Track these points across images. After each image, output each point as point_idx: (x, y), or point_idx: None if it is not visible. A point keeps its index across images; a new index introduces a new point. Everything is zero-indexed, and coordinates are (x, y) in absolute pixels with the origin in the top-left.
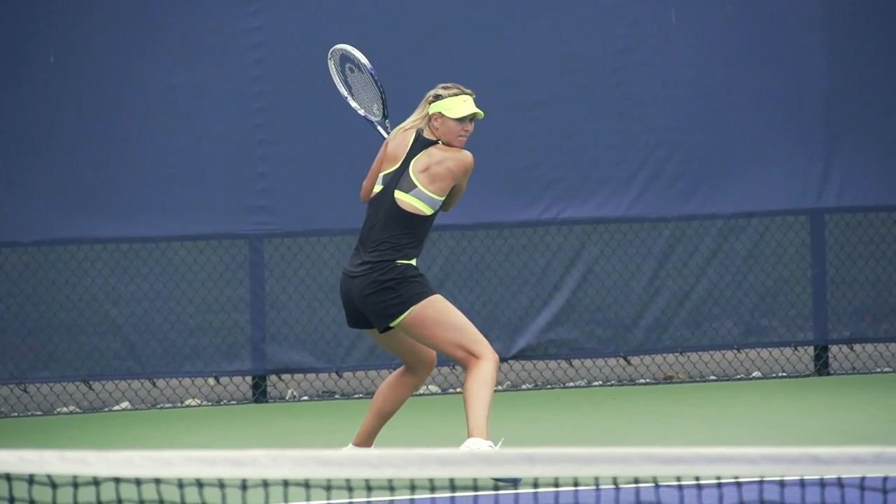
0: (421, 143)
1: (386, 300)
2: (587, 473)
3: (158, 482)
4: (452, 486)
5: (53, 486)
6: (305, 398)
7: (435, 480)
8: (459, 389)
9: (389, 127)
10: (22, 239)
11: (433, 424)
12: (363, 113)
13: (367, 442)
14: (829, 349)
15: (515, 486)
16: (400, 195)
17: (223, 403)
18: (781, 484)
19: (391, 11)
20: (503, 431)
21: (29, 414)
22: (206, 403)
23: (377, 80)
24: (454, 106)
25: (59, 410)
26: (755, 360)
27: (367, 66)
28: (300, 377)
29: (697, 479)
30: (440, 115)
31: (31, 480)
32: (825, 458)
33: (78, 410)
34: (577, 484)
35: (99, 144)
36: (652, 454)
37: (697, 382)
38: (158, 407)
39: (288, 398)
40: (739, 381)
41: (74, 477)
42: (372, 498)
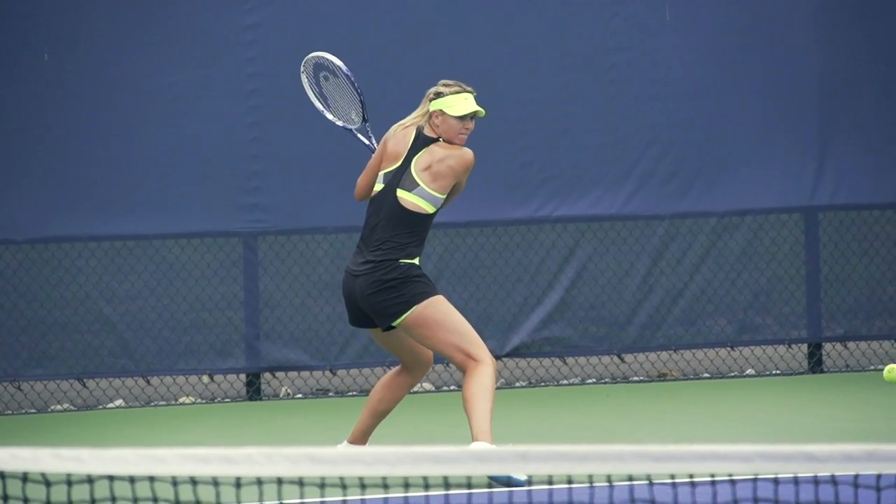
0: (422, 140)
1: (389, 299)
2: (581, 471)
3: (152, 480)
4: (447, 483)
5: (47, 483)
6: (299, 396)
7: (429, 478)
8: (454, 387)
9: (370, 131)
10: (15, 237)
11: (427, 422)
12: (341, 124)
13: (361, 440)
14: (822, 347)
15: (510, 484)
16: (402, 194)
17: (217, 401)
18: (775, 481)
19: (385, 9)
20: (497, 429)
21: (23, 412)
22: (200, 401)
23: (354, 82)
24: (455, 104)
25: (52, 408)
26: (749, 357)
27: (342, 69)
28: (294, 375)
29: (691, 476)
30: (441, 112)
31: (24, 478)
32: (819, 455)
33: (72, 408)
34: (570, 482)
35: (93, 142)
36: (646, 452)
37: (691, 380)
38: (152, 405)
39: (282, 396)
40: (733, 378)
41: (68, 475)
42: (366, 496)
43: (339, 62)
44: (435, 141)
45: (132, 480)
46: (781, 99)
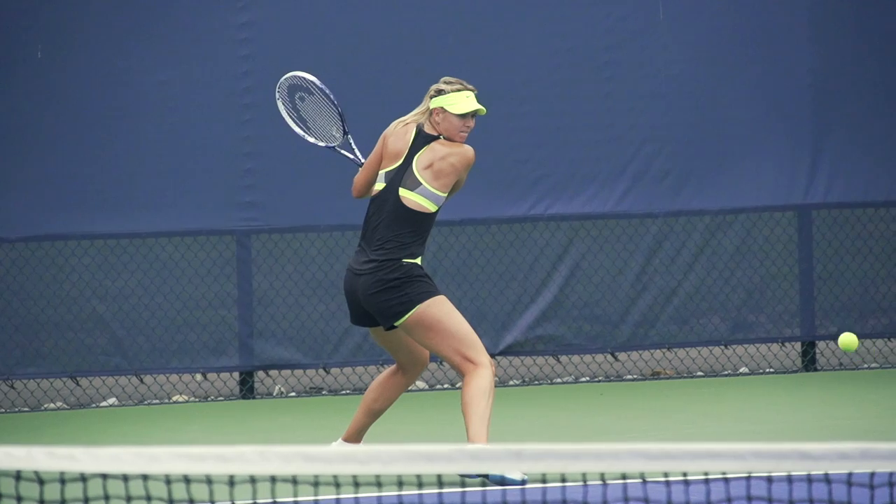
0: (423, 138)
1: (391, 299)
2: (575, 469)
3: (146, 478)
4: (440, 482)
5: (41, 482)
6: (293, 394)
7: (422, 477)
8: (447, 385)
9: (353, 143)
10: (8, 235)
11: (421, 420)
12: (323, 144)
13: (356, 438)
14: (816, 345)
15: (504, 483)
16: (405, 193)
17: (210, 399)
18: (769, 480)
19: (379, 7)
20: (491, 427)
21: (16, 410)
22: (193, 399)
23: (330, 96)
24: (457, 101)
25: (46, 406)
26: (742, 356)
27: (315, 83)
28: (287, 373)
29: (685, 474)
30: (442, 109)
31: (17, 476)
32: (813, 453)
33: (65, 407)
34: (564, 480)
35: (86, 140)
36: (639, 450)
37: (685, 378)
38: (146, 403)
39: (275, 394)
40: (727, 377)
41: (61, 473)
42: (360, 494)
43: (312, 78)
44: (436, 138)
45: (126, 479)
46: (775, 97)
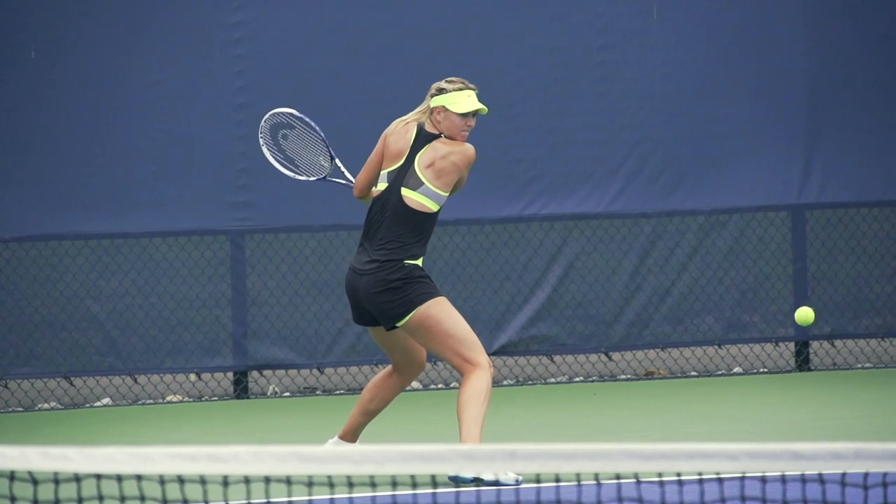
0: (424, 137)
1: (392, 300)
2: (568, 469)
3: (140, 479)
4: (434, 482)
5: (34, 482)
6: (287, 394)
7: (417, 477)
8: (441, 385)
9: (342, 166)
10: (2, 235)
11: (415, 420)
12: (314, 178)
13: (351, 437)
14: (809, 345)
15: (498, 483)
16: (407, 193)
17: (204, 400)
18: (763, 480)
19: (373, 7)
20: (485, 427)
21: (10, 410)
22: (187, 400)
23: (311, 123)
24: (459, 101)
25: (39, 407)
26: (736, 356)
27: (295, 115)
28: (281, 373)
29: (679, 475)
30: (444, 108)
31: (11, 477)
32: (806, 454)
33: (59, 407)
34: (558, 480)
35: (80, 140)
36: (633, 450)
37: (678, 378)
38: (140, 403)
39: (269, 394)
40: (720, 377)
41: (55, 473)
42: (354, 494)
43: (289, 111)
44: (437, 137)
45: (119, 479)
46: (768, 97)
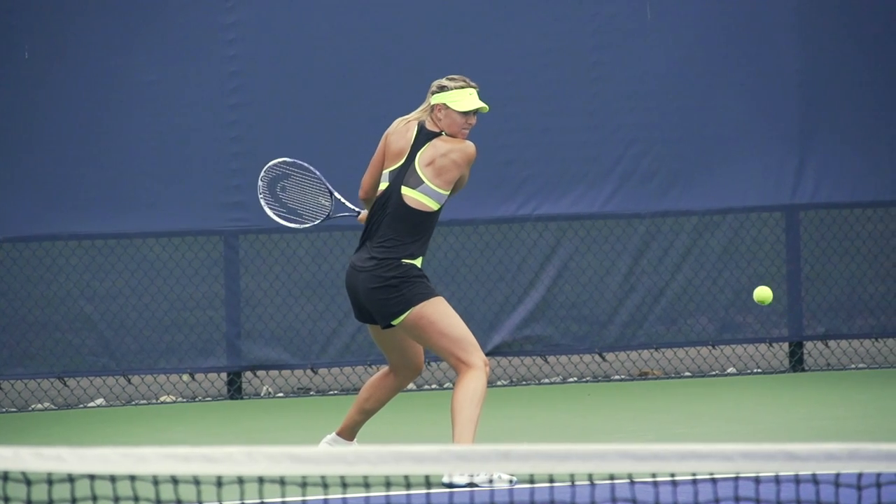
0: (424, 135)
1: (389, 298)
2: (562, 470)
3: (133, 479)
4: (428, 482)
5: (28, 482)
6: (280, 395)
7: (410, 477)
8: (434, 386)
9: (341, 197)
10: None
11: (409, 421)
12: (320, 220)
13: (348, 435)
14: (803, 345)
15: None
16: (407, 191)
17: (198, 400)
18: (757, 480)
19: (366, 7)
20: (479, 427)
21: (3, 410)
22: (181, 400)
23: (305, 166)
24: (460, 99)
25: (33, 407)
26: (730, 356)
27: (287, 161)
28: (275, 374)
29: (672, 475)
30: (445, 106)
31: (5, 477)
32: (800, 454)
33: (53, 407)
34: (552, 480)
35: (73, 141)
36: (627, 451)
37: (672, 379)
38: (133, 404)
39: (263, 395)
40: (714, 377)
41: (49, 474)
42: (348, 495)
43: (281, 160)
44: (437, 135)
45: (113, 479)
46: (762, 98)
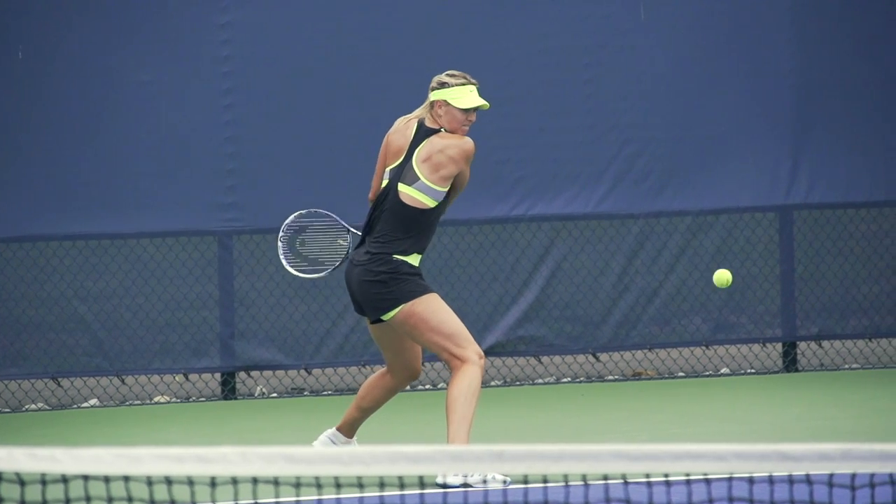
0: (423, 132)
1: (378, 293)
2: (556, 470)
3: (127, 479)
4: (422, 483)
5: (22, 483)
6: (274, 395)
7: (405, 478)
8: (429, 386)
9: (358, 232)
10: None
11: (403, 422)
12: (339, 262)
13: (348, 430)
14: (797, 346)
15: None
16: (403, 188)
17: (192, 400)
18: (750, 480)
19: (361, 8)
20: (473, 428)
21: None
22: (174, 400)
23: (320, 211)
24: (462, 96)
25: (27, 407)
26: (724, 356)
27: (302, 214)
28: (269, 374)
29: (666, 475)
30: (445, 102)
31: None
32: (794, 454)
33: (46, 407)
34: (546, 481)
35: (67, 141)
36: (621, 451)
37: (666, 379)
38: (127, 404)
39: (257, 395)
40: (708, 377)
41: (43, 474)
42: (342, 495)
43: (296, 214)
44: (436, 132)
45: (107, 480)
46: (756, 98)
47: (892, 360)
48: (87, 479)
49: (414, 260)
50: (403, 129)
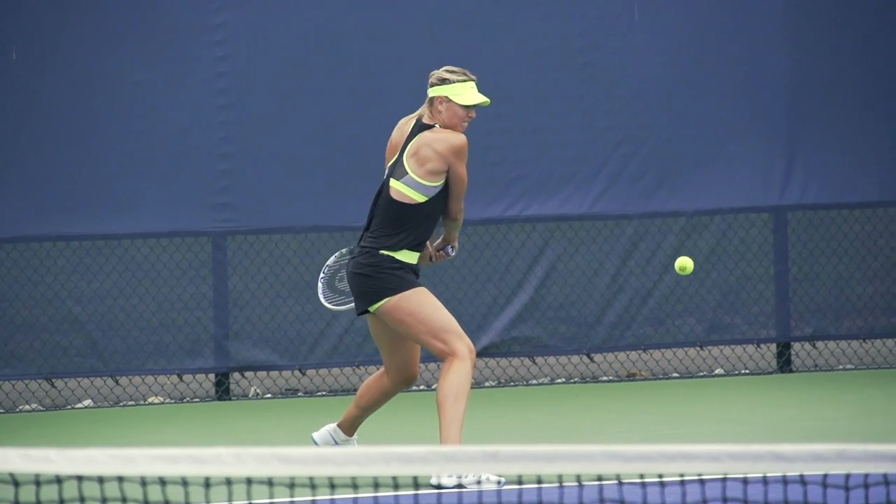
0: (418, 128)
1: (363, 285)
2: (550, 471)
3: (121, 480)
4: (416, 483)
5: (16, 483)
6: (268, 396)
7: (398, 478)
8: (423, 387)
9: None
10: None
11: (397, 422)
12: None
13: (348, 428)
14: (791, 346)
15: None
16: (393, 183)
17: (186, 401)
18: (744, 481)
19: (354, 8)
20: (467, 429)
21: None
22: (169, 401)
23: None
24: (463, 92)
25: (21, 408)
26: (718, 357)
27: (343, 253)
28: (263, 374)
29: (660, 476)
30: (447, 99)
31: None
32: (788, 455)
33: (40, 408)
34: (540, 481)
35: (61, 141)
36: (615, 452)
37: (660, 380)
38: (121, 405)
39: (251, 396)
40: (702, 378)
41: (37, 475)
42: (336, 496)
43: (337, 254)
44: (430, 128)
45: (101, 480)
46: (750, 98)
47: (886, 360)
48: (81, 479)
49: (404, 256)
50: (403, 126)
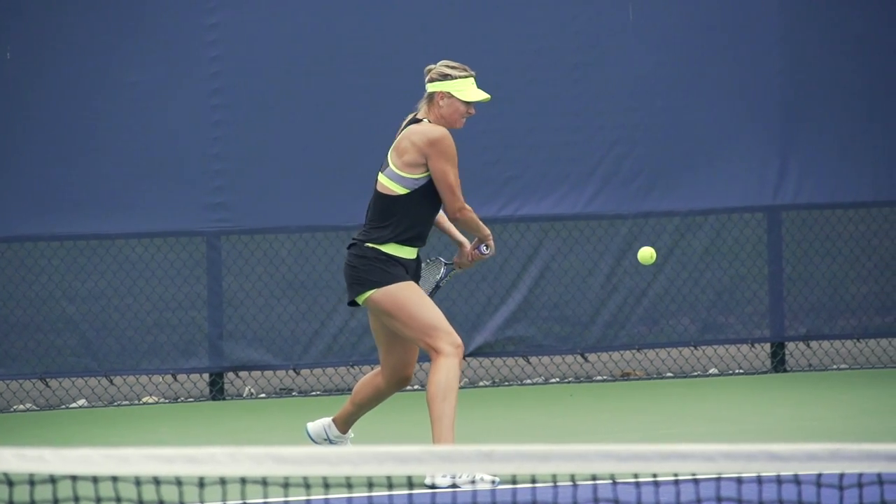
0: (408, 123)
1: (350, 276)
2: (545, 470)
3: (115, 480)
4: (410, 483)
5: (10, 483)
6: (263, 395)
7: (393, 478)
8: (417, 387)
9: (443, 259)
10: None
11: (391, 422)
12: (431, 291)
13: (342, 424)
14: (785, 346)
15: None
16: (379, 176)
17: (180, 401)
18: (738, 481)
19: (348, 8)
20: (461, 428)
21: None
22: (163, 401)
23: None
24: (465, 88)
25: (15, 408)
26: (712, 357)
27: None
28: (257, 374)
29: (655, 476)
30: (449, 94)
31: None
32: (782, 454)
33: (35, 408)
34: (534, 481)
35: (55, 141)
36: (609, 451)
37: (654, 379)
38: (116, 404)
39: (245, 395)
40: (696, 377)
41: (31, 475)
42: (330, 496)
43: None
44: (418, 122)
45: (95, 480)
46: (744, 98)
47: (880, 360)
48: (75, 479)
49: (391, 249)
50: (404, 122)
